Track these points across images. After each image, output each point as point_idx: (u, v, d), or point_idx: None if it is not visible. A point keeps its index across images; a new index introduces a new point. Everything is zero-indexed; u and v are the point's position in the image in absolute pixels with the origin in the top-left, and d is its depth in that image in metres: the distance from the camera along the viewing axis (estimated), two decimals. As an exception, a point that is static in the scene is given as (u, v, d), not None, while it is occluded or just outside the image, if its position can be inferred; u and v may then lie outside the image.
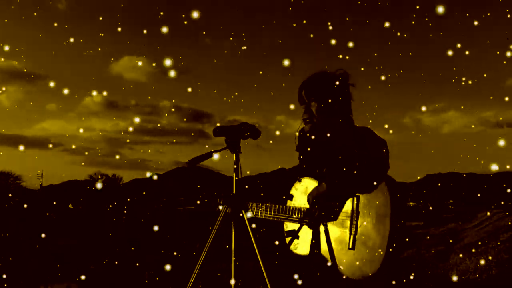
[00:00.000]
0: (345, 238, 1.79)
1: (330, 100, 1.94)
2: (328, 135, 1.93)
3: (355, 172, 1.72)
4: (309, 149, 2.02)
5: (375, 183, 1.73)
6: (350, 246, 1.76)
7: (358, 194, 1.80)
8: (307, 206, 1.91)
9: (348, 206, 1.81)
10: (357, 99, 2.00)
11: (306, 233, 1.90)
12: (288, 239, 1.94)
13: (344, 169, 1.75)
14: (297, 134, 2.10)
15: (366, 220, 1.76)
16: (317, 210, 1.83)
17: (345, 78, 1.98)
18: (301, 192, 1.97)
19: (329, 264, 1.79)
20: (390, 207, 1.72)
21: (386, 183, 1.76)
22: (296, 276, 1.85)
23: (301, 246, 1.91)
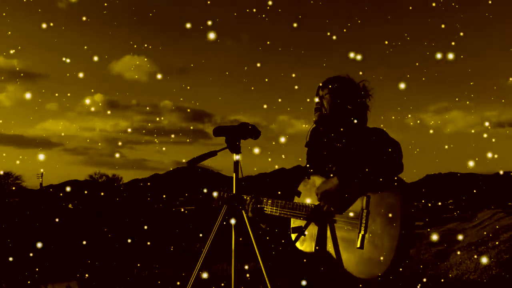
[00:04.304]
0: (353, 237, 1.78)
1: (344, 97, 1.97)
2: (337, 129, 1.95)
3: (366, 169, 1.72)
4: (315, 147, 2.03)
5: (386, 182, 1.72)
6: (359, 245, 1.74)
7: (368, 194, 1.78)
8: (315, 203, 1.91)
9: (357, 205, 1.79)
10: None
11: (312, 230, 1.90)
12: (294, 235, 1.94)
13: (355, 166, 1.75)
14: (309, 130, 2.11)
15: (376, 220, 1.73)
16: (326, 205, 1.83)
17: (365, 87, 2.02)
18: (309, 190, 1.97)
19: (334, 261, 1.79)
20: (400, 208, 1.70)
21: (397, 184, 1.75)
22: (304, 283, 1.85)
23: (307, 242, 1.91)
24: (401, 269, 1.69)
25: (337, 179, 1.79)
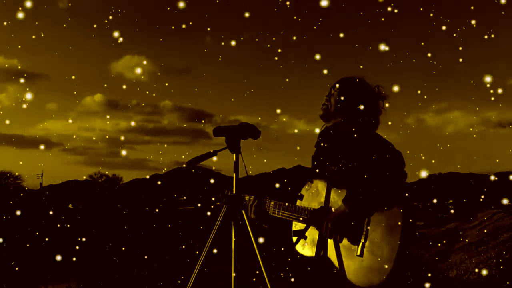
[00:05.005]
0: (353, 245, 1.77)
1: (352, 98, 1.97)
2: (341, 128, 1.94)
3: (374, 193, 1.69)
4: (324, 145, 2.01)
5: (394, 201, 1.71)
6: (359, 253, 1.73)
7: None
8: (316, 207, 1.90)
9: None
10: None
11: (313, 234, 1.89)
12: (294, 238, 1.93)
13: (364, 188, 1.71)
14: (321, 129, 2.10)
15: (377, 229, 1.72)
16: (333, 235, 1.79)
17: (379, 91, 2.01)
18: (312, 193, 1.96)
19: (335, 267, 1.78)
20: (401, 219, 1.69)
21: (399, 192, 1.73)
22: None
23: (308, 247, 1.89)
24: (399, 278, 1.67)
25: (344, 207, 1.75)
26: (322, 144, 2.03)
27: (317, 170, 2.00)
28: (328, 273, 1.80)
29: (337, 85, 2.03)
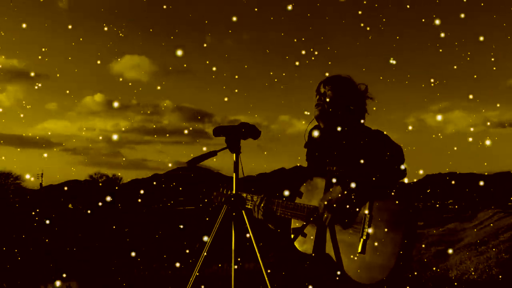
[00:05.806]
0: (355, 241, 1.77)
1: (346, 96, 1.98)
2: (338, 128, 1.94)
3: (369, 175, 1.70)
4: (317, 149, 2.01)
5: (390, 189, 1.71)
6: (360, 250, 1.73)
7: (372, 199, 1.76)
8: (316, 205, 1.90)
9: (361, 209, 1.78)
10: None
11: (311, 231, 1.88)
12: (293, 235, 1.93)
13: (359, 172, 1.73)
14: (308, 129, 2.10)
15: (379, 225, 1.71)
16: (329, 216, 1.80)
17: (366, 89, 2.02)
18: (311, 191, 1.96)
19: (333, 263, 1.78)
20: (404, 216, 1.68)
21: (402, 191, 1.73)
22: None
23: (307, 244, 1.89)
24: (401, 275, 1.67)
25: (340, 188, 1.76)
26: (318, 145, 2.02)
27: (316, 170, 2.00)
28: (327, 269, 1.80)
29: (331, 84, 2.02)
